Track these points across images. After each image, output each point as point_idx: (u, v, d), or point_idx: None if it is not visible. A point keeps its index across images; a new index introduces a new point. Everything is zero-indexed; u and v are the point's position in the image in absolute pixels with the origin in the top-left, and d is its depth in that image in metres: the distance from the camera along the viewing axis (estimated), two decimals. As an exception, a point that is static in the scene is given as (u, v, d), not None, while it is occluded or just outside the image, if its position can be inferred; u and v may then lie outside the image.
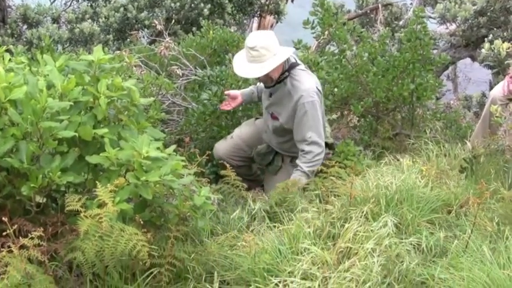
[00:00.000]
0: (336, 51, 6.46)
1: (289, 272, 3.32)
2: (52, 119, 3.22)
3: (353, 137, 6.64)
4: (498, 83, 6.28)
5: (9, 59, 3.71)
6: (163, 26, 9.43)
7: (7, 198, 3.39)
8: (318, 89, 5.23)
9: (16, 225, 3.08)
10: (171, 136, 6.40)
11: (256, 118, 6.00)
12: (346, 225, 3.65)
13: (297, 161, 5.21)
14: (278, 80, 5.20)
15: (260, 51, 4.96)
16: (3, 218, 2.99)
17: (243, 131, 5.87)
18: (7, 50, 3.92)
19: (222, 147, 5.77)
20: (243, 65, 5.13)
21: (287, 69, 5.19)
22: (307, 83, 5.18)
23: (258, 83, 5.88)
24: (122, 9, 12.69)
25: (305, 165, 5.14)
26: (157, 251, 3.34)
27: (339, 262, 3.38)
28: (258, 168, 6.03)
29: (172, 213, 3.59)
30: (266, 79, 5.19)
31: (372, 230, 3.60)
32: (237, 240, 3.87)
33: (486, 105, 5.99)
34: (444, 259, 3.52)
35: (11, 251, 2.96)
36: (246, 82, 6.33)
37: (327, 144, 5.34)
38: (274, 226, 4.00)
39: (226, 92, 5.86)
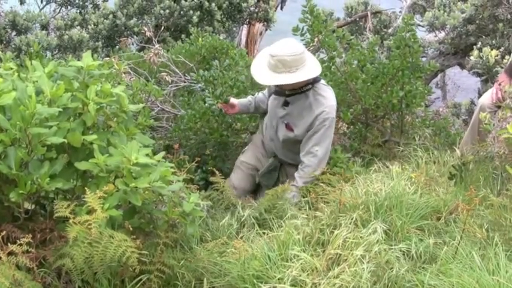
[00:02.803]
0: (325, 58, 6.46)
1: (278, 279, 3.31)
2: (41, 125, 3.21)
3: (343, 144, 6.64)
4: (487, 90, 6.29)
5: (-2, 65, 3.71)
6: (153, 33, 9.48)
7: (-5, 205, 3.38)
8: (336, 107, 5.24)
9: (4, 232, 3.07)
10: (160, 143, 6.40)
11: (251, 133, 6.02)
12: (336, 232, 3.65)
13: (295, 174, 5.19)
14: (300, 90, 5.14)
15: (276, 64, 4.88)
16: (-9, 225, 2.98)
17: (247, 157, 5.84)
18: (-4, 57, 3.92)
19: (237, 180, 5.72)
20: (260, 66, 5.06)
21: (311, 81, 5.10)
22: (331, 99, 5.16)
23: (257, 93, 5.87)
24: (111, 16, 12.76)
25: (301, 180, 5.11)
26: (146, 257, 3.33)
27: (328, 269, 3.37)
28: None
29: (162, 219, 3.59)
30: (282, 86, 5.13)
31: (361, 237, 3.59)
32: (226, 247, 3.86)
33: (475, 113, 6.00)
34: (434, 265, 3.51)
35: (-1, 258, 2.95)
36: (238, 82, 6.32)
37: None
38: (264, 233, 3.99)
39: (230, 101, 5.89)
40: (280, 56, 4.86)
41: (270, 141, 5.61)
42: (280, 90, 5.29)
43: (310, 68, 4.98)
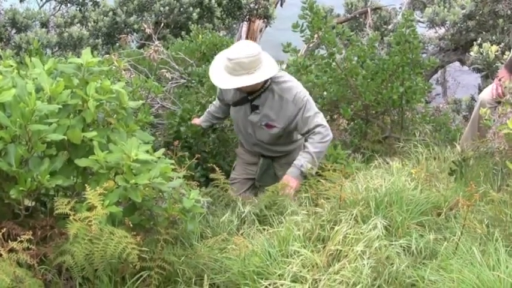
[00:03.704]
0: (325, 54, 6.45)
1: (279, 275, 3.30)
2: (41, 122, 3.21)
3: (343, 140, 6.65)
4: (487, 86, 6.30)
5: (-3, 63, 3.71)
6: (153, 30, 9.48)
7: (-4, 202, 3.38)
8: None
9: (5, 229, 3.07)
10: (160, 139, 6.39)
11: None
12: (336, 228, 3.64)
13: (306, 143, 5.11)
14: (262, 89, 5.11)
15: (234, 67, 4.86)
16: (-9, 222, 2.98)
17: (238, 173, 5.86)
18: (-4, 55, 3.92)
19: (237, 192, 5.58)
20: (218, 70, 5.05)
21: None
22: (292, 79, 5.19)
23: (209, 106, 5.93)
24: (110, 13, 12.75)
25: (313, 146, 5.02)
26: (147, 254, 3.33)
27: (328, 264, 3.37)
28: None
29: (162, 216, 3.59)
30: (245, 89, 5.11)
31: (361, 233, 3.58)
32: (226, 243, 3.86)
33: (475, 108, 6.01)
34: (434, 261, 3.51)
35: (0, 255, 2.95)
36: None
37: None
38: (264, 229, 3.98)
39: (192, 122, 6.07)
40: (237, 59, 4.85)
41: (253, 146, 5.57)
42: (242, 99, 5.28)
43: (267, 67, 4.98)
